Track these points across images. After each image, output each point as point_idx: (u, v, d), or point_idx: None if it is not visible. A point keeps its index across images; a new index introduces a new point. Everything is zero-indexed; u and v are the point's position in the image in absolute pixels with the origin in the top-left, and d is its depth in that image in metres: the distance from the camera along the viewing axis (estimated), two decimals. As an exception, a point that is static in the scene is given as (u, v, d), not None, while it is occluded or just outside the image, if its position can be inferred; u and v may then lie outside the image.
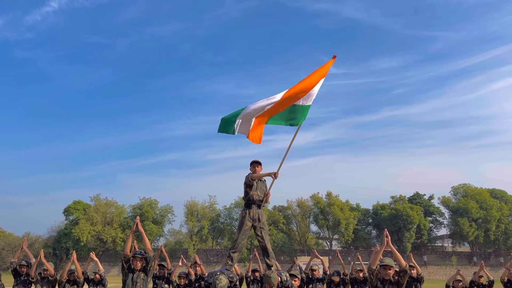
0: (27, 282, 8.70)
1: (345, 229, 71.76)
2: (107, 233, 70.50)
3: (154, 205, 75.94)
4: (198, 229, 74.60)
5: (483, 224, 70.55)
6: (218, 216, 76.12)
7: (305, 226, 76.23)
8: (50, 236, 76.41)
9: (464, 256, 73.64)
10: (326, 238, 78.27)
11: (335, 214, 71.71)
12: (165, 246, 68.81)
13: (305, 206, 75.91)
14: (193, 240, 72.52)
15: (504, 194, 75.28)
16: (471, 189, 74.83)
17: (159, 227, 74.36)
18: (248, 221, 6.88)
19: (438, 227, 77.08)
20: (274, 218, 74.12)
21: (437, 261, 72.64)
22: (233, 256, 6.78)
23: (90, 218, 70.55)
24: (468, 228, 69.62)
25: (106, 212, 73.43)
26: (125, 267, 6.63)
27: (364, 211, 77.13)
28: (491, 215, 69.79)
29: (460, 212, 71.60)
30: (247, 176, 7.05)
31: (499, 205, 71.74)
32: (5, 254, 69.64)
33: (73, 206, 74.35)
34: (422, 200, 76.18)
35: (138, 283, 6.54)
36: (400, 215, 71.02)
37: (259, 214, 6.92)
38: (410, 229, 70.65)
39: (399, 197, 76.32)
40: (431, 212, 75.46)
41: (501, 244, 71.85)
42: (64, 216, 75.11)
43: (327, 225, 74.48)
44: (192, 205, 75.31)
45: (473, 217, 70.55)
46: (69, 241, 68.92)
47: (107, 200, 76.16)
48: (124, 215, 74.97)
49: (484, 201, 71.26)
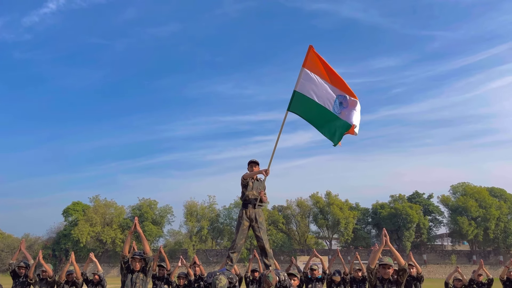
0: (25, 284, 8.68)
1: (345, 229, 71.76)
2: (106, 234, 70.39)
3: (154, 205, 75.85)
4: (198, 229, 74.55)
5: (482, 223, 70.61)
6: (217, 216, 76.07)
7: (305, 225, 76.23)
8: (50, 238, 76.27)
9: (463, 254, 73.71)
10: (325, 237, 78.29)
11: (334, 213, 71.73)
12: (164, 246, 68.82)
13: (305, 205, 75.91)
14: (193, 241, 72.47)
15: (503, 192, 75.36)
16: (470, 188, 74.90)
17: (158, 227, 74.26)
18: (246, 221, 6.89)
19: (437, 226, 77.16)
20: (274, 218, 74.11)
21: (436, 260, 72.70)
22: (232, 257, 6.79)
23: (90, 219, 70.43)
24: (467, 226, 69.69)
25: (105, 213, 73.31)
26: (124, 267, 6.63)
27: (364, 211, 77.15)
28: (491, 214, 69.85)
29: (459, 211, 71.68)
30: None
31: (498, 204, 71.81)
32: (4, 255, 69.55)
33: (72, 207, 74.20)
34: (422, 199, 76.24)
35: (137, 283, 6.54)
36: (399, 214, 71.05)
37: (256, 214, 6.93)
38: (409, 228, 70.69)
39: (399, 196, 76.38)
40: (431, 211, 75.51)
41: (501, 242, 71.93)
42: (63, 217, 75.02)
43: (327, 225, 74.48)
44: (191, 206, 75.26)
45: (472, 215, 70.61)
46: (68, 242, 68.78)
47: (106, 201, 76.08)
48: (124, 216, 74.84)
49: (484, 200, 71.31)
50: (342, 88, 7.17)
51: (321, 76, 7.17)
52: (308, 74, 7.15)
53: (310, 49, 7.15)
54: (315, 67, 7.16)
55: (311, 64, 7.15)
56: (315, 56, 7.17)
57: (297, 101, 7.22)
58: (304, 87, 7.17)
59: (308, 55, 7.17)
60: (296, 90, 7.19)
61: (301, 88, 7.18)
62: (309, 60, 7.15)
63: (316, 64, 7.16)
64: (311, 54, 7.16)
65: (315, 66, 7.15)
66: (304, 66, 7.14)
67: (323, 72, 7.16)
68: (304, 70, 7.13)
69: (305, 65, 7.15)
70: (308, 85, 7.17)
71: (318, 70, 7.17)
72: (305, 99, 7.20)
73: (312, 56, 7.15)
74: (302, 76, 7.14)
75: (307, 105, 7.22)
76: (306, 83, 7.16)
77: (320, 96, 7.17)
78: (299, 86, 7.18)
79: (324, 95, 7.17)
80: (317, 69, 7.16)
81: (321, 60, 7.18)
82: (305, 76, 7.15)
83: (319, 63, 7.16)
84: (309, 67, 7.15)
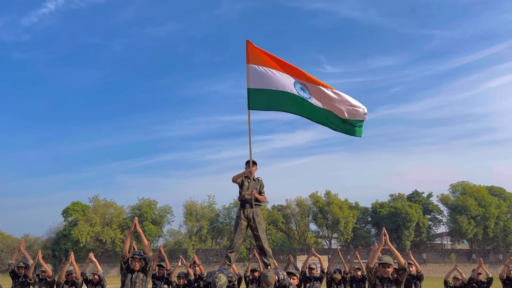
0: (25, 284, 8.68)
1: (344, 228, 71.79)
2: (106, 234, 70.33)
3: (153, 205, 75.81)
4: (197, 229, 74.54)
5: (481, 222, 70.68)
6: (217, 216, 76.08)
7: (304, 225, 76.27)
8: (49, 238, 76.21)
9: (463, 253, 73.76)
10: (325, 237, 78.34)
11: (334, 213, 71.75)
12: (164, 246, 68.82)
13: (304, 205, 75.93)
14: (192, 240, 72.47)
15: (502, 191, 75.42)
16: (470, 187, 74.97)
17: (158, 227, 74.24)
18: (243, 220, 6.93)
19: (437, 225, 77.17)
20: (273, 217, 74.14)
21: (436, 258, 72.77)
22: (231, 256, 6.82)
23: (89, 219, 70.38)
24: (467, 225, 69.75)
25: (105, 213, 73.26)
26: (124, 267, 6.64)
27: (363, 210, 77.19)
28: (490, 213, 69.91)
29: (458, 210, 71.74)
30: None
31: (497, 202, 71.87)
32: (4, 256, 69.50)
33: (71, 208, 74.15)
34: (421, 198, 76.28)
35: (137, 283, 6.54)
36: (399, 213, 71.10)
37: (253, 213, 6.94)
38: (409, 227, 70.74)
39: (398, 195, 76.44)
40: (430, 210, 75.56)
41: (500, 241, 72.01)
42: (63, 217, 74.95)
43: (326, 224, 74.51)
44: (191, 205, 75.26)
45: (471, 214, 70.67)
46: (68, 243, 68.72)
47: (105, 201, 76.02)
48: (123, 215, 74.78)
49: (483, 199, 71.37)
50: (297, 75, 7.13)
51: (270, 66, 7.12)
52: (255, 68, 7.12)
53: (247, 44, 7.10)
54: (260, 60, 7.12)
55: (255, 58, 7.11)
56: (256, 50, 7.11)
57: (254, 98, 7.18)
58: (256, 81, 7.13)
59: (248, 50, 7.10)
60: (250, 88, 7.15)
61: (254, 83, 7.14)
62: (251, 55, 7.10)
63: (260, 56, 7.12)
64: (251, 48, 7.11)
65: (260, 58, 7.11)
66: (249, 62, 7.10)
67: (270, 62, 7.12)
68: (250, 66, 7.09)
69: (249, 61, 7.10)
70: (260, 78, 7.13)
71: (264, 62, 7.13)
72: (262, 92, 7.18)
73: (252, 51, 7.11)
74: (250, 72, 7.10)
75: (267, 96, 7.19)
76: (257, 77, 7.12)
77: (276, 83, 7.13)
78: (251, 83, 7.13)
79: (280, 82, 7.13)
80: (263, 61, 7.12)
81: (264, 52, 7.13)
82: (253, 71, 7.11)
83: (262, 55, 7.12)
84: (254, 61, 7.10)
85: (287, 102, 7.23)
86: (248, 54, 7.11)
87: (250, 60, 7.09)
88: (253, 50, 7.10)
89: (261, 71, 7.11)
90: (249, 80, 7.07)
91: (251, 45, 7.11)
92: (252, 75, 7.08)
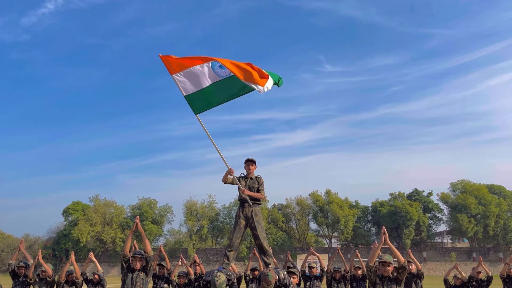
0: (25, 284, 8.69)
1: (345, 227, 71.84)
2: (106, 233, 70.39)
3: (153, 205, 75.89)
4: (198, 228, 74.58)
5: (482, 220, 70.70)
6: (217, 215, 76.13)
7: (305, 224, 76.31)
8: (50, 238, 76.28)
9: (463, 252, 73.80)
10: (325, 236, 78.41)
11: (334, 211, 71.80)
12: (164, 246, 68.84)
13: (304, 204, 75.97)
14: (193, 240, 72.50)
15: (502, 189, 75.43)
16: (470, 185, 74.96)
17: (158, 227, 74.31)
18: (242, 219, 6.97)
19: (437, 224, 77.27)
20: (274, 216, 74.18)
21: (436, 257, 72.82)
22: (229, 255, 6.84)
23: (89, 219, 70.43)
24: (467, 224, 69.77)
25: (105, 213, 73.32)
26: (125, 267, 6.65)
27: (363, 209, 77.24)
28: (490, 211, 69.92)
29: (459, 208, 71.75)
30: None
31: (497, 201, 71.88)
32: (4, 256, 69.60)
33: (72, 207, 74.23)
34: (421, 196, 76.30)
35: (138, 282, 6.56)
36: (399, 212, 71.14)
37: (252, 212, 6.96)
38: (409, 226, 70.76)
39: (398, 194, 76.48)
40: (430, 208, 75.60)
41: (500, 239, 72.02)
42: (63, 217, 75.12)
43: (327, 223, 74.56)
44: (191, 205, 75.30)
45: (472, 213, 70.69)
46: (68, 242, 68.80)
47: (106, 200, 76.07)
48: (124, 215, 74.85)
49: (483, 197, 71.38)
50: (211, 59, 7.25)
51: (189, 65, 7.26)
52: (179, 75, 7.28)
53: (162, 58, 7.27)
54: (179, 65, 7.27)
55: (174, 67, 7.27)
56: (170, 59, 7.28)
57: (194, 102, 7.34)
58: (186, 87, 7.29)
59: (165, 63, 7.29)
60: (185, 96, 7.32)
61: (185, 90, 7.30)
62: (170, 67, 7.27)
63: (176, 63, 7.28)
64: (166, 60, 7.28)
65: (177, 66, 7.27)
66: (171, 73, 7.27)
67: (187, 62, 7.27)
68: (174, 76, 7.27)
69: (172, 72, 7.28)
70: (187, 83, 7.28)
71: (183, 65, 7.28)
72: (197, 95, 7.33)
73: (168, 62, 7.27)
74: (177, 81, 7.27)
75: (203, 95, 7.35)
76: (185, 83, 7.28)
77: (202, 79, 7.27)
78: (184, 91, 7.30)
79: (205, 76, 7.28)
80: (182, 65, 7.28)
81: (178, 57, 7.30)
82: (178, 80, 7.27)
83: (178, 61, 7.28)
84: (175, 70, 7.27)
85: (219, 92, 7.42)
86: (167, 67, 7.29)
87: (171, 71, 7.28)
88: (169, 60, 7.28)
89: (185, 76, 7.30)
90: (180, 88, 7.27)
91: (165, 57, 7.30)
92: (180, 83, 7.27)
